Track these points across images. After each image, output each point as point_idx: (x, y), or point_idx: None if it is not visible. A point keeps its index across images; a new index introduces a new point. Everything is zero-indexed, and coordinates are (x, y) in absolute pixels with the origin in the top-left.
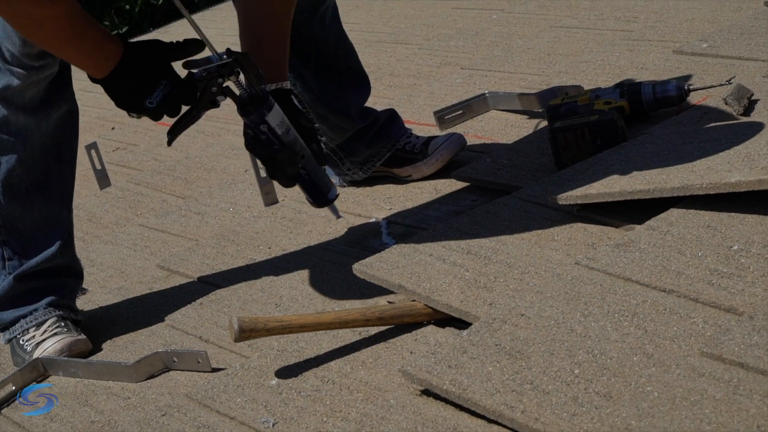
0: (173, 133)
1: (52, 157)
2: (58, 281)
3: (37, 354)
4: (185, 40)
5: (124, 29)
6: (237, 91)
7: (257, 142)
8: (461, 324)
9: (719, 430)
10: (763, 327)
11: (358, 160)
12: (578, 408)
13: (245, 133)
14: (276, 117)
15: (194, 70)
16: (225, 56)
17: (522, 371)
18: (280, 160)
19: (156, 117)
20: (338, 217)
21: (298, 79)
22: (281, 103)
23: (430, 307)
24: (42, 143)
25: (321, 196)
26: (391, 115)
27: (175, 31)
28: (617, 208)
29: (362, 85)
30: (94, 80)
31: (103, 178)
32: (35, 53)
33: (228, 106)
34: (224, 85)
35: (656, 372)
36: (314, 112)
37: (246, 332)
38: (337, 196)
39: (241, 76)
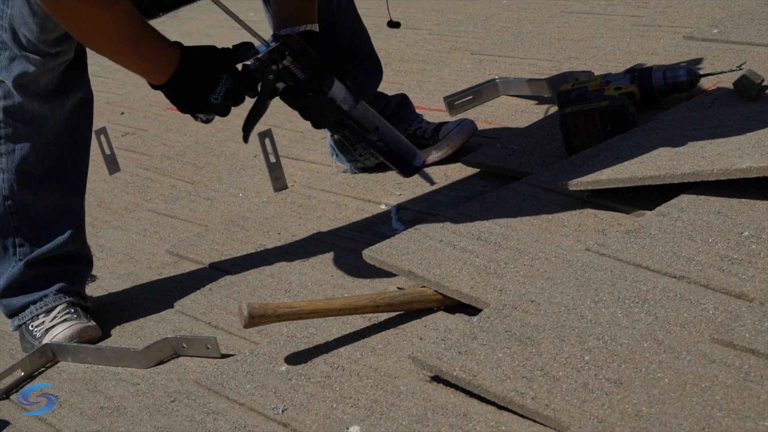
0: (247, 129)
1: (67, 144)
2: (68, 267)
3: (46, 340)
4: (238, 46)
5: None
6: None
7: (292, 94)
8: (471, 310)
9: (730, 417)
10: None
11: None
12: (589, 394)
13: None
14: (340, 92)
15: (247, 63)
16: (272, 42)
17: (532, 357)
18: (316, 106)
19: (224, 112)
20: (432, 183)
21: None
22: (311, 45)
23: (440, 293)
24: (57, 130)
25: (406, 165)
26: (403, 100)
27: (184, 16)
28: (628, 194)
29: (375, 69)
30: (154, 87)
31: (112, 163)
32: (52, 39)
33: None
34: (280, 68)
35: (667, 358)
36: None
37: (256, 318)
38: (425, 162)
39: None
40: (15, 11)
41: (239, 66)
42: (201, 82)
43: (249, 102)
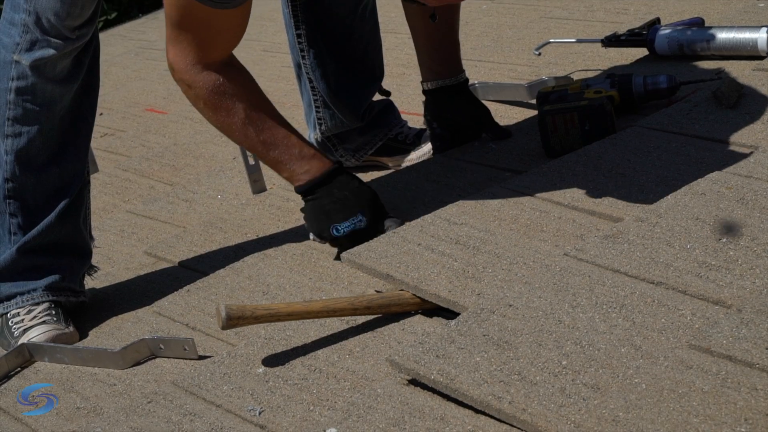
0: None
1: (68, 129)
2: (61, 261)
3: (22, 340)
4: None
5: (113, 15)
6: None
7: None
8: (449, 314)
9: (707, 423)
10: (751, 320)
11: (351, 148)
12: (566, 399)
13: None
14: None
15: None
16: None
17: (510, 362)
18: None
19: (339, 247)
20: None
21: (319, 66)
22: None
23: (418, 297)
24: (61, 116)
25: None
26: (387, 105)
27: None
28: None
29: (375, 80)
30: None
31: (90, 164)
32: (75, 25)
33: None
34: None
35: (644, 364)
36: (322, 100)
37: (233, 320)
38: None
39: None
40: None
41: None
42: (334, 206)
43: None
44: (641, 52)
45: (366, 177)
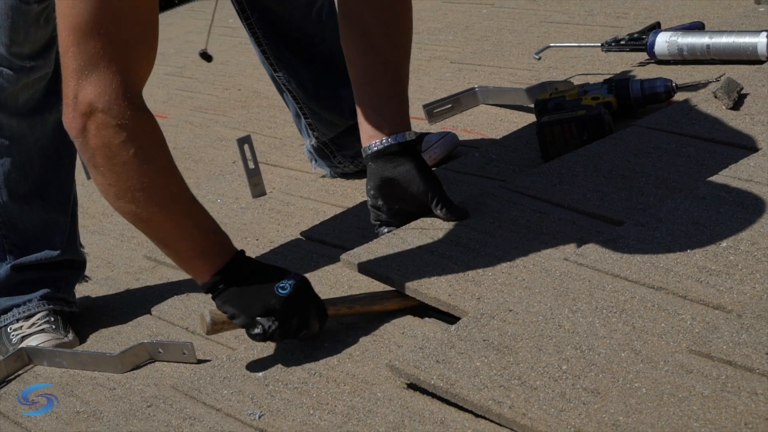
0: None
1: (51, 161)
2: (56, 273)
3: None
4: None
5: None
6: None
7: None
8: (446, 316)
9: (707, 427)
10: (751, 325)
11: (350, 154)
12: (566, 404)
13: None
14: None
15: None
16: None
17: (510, 366)
18: None
19: (286, 318)
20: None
21: (293, 76)
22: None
23: (402, 295)
24: (40, 147)
25: None
26: None
27: (163, 21)
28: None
29: None
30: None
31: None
32: (25, 53)
33: (217, 98)
34: None
35: (644, 368)
36: (307, 107)
37: (218, 324)
38: None
39: None
40: None
41: None
42: (265, 274)
43: None
44: (641, 56)
45: (362, 186)
